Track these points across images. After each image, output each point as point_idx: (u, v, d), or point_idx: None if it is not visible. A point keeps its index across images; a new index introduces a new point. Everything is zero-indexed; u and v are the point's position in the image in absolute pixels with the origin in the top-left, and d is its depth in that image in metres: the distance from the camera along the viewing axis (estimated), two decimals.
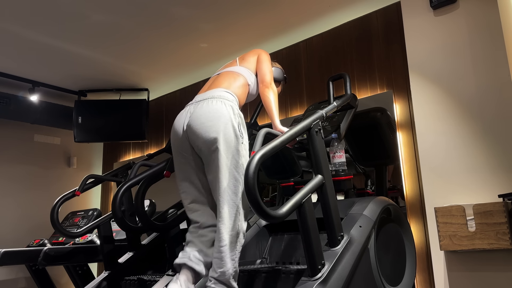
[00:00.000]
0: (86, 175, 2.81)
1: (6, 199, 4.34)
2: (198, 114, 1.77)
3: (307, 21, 3.24)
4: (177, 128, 1.86)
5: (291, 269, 1.85)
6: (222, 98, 1.80)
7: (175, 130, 1.87)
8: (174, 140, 1.89)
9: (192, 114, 1.80)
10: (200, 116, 1.76)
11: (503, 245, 2.08)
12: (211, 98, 1.80)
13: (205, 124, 1.73)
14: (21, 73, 4.02)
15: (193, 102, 1.89)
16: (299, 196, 1.52)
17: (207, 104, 1.78)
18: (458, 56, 2.51)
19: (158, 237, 2.82)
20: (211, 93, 1.85)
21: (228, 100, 1.80)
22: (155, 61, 3.86)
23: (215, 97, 1.80)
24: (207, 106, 1.77)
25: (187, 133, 1.80)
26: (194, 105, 1.85)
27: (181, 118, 1.86)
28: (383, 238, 1.95)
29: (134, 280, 2.39)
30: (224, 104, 1.77)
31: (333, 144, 2.11)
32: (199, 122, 1.75)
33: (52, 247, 3.12)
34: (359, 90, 3.07)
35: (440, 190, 2.44)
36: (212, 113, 1.74)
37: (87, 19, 3.10)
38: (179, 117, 1.89)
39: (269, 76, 1.96)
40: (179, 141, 1.85)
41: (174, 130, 1.89)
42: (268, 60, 2.06)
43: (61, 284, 4.43)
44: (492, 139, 2.33)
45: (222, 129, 1.72)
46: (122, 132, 4.39)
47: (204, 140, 1.73)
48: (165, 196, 3.59)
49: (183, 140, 1.83)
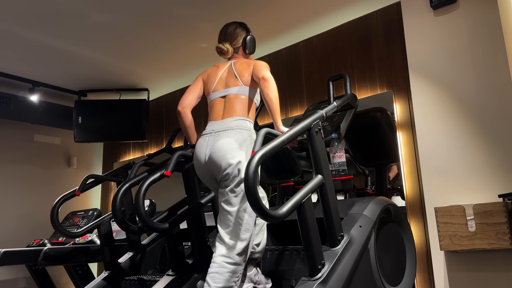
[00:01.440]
0: (86, 175, 2.80)
1: (6, 199, 4.34)
2: (217, 147, 1.84)
3: (307, 21, 3.25)
4: (199, 158, 1.93)
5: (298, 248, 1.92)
6: (240, 128, 1.88)
7: (198, 160, 1.95)
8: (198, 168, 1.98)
9: (212, 147, 1.86)
10: (220, 149, 1.83)
11: (503, 245, 2.08)
12: (229, 130, 1.87)
13: (225, 156, 1.81)
14: (21, 73, 4.02)
15: (211, 132, 1.92)
16: (299, 196, 1.52)
17: (227, 135, 1.86)
18: (458, 56, 2.51)
19: (158, 237, 2.82)
20: (227, 123, 1.90)
21: (245, 130, 1.89)
22: (155, 61, 3.86)
23: (234, 128, 1.88)
24: (227, 137, 1.85)
25: (209, 164, 1.88)
26: (213, 136, 1.90)
27: (202, 148, 1.92)
28: (383, 238, 1.95)
29: (134, 280, 2.39)
30: (242, 135, 1.86)
31: (333, 144, 2.11)
32: (220, 155, 1.82)
33: (52, 247, 3.12)
34: (359, 90, 3.07)
35: (440, 190, 2.44)
36: (232, 144, 1.82)
37: (87, 19, 3.10)
38: (199, 147, 1.94)
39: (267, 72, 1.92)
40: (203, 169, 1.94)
41: (197, 160, 1.96)
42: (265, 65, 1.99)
43: (61, 284, 4.43)
44: (492, 139, 2.33)
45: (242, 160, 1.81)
46: (122, 132, 4.39)
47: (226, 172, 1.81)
48: (165, 196, 3.60)
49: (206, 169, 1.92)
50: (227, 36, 2.09)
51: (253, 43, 2.14)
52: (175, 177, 2.29)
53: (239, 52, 2.12)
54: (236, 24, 2.13)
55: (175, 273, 2.19)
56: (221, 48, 2.06)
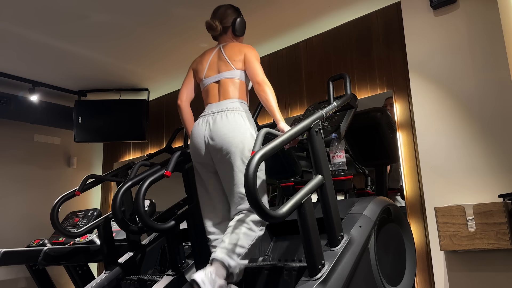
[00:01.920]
0: (86, 175, 2.80)
1: (6, 199, 4.34)
2: (219, 126, 1.87)
3: (307, 21, 3.25)
4: (198, 139, 1.94)
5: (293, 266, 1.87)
6: (237, 110, 1.91)
7: (195, 141, 1.95)
8: (195, 150, 1.97)
9: (212, 126, 1.89)
10: (222, 127, 1.86)
11: (503, 245, 2.08)
12: (227, 110, 1.91)
13: (227, 135, 1.84)
14: (21, 73, 4.02)
15: (209, 113, 1.95)
16: (299, 196, 1.52)
17: (226, 116, 1.88)
18: (458, 56, 2.51)
19: (158, 237, 2.82)
20: (225, 104, 1.94)
21: (243, 111, 1.93)
22: (155, 61, 3.86)
23: (232, 109, 1.91)
24: (226, 118, 1.88)
25: (209, 145, 1.90)
26: (212, 116, 1.92)
27: (201, 130, 1.93)
28: (383, 238, 1.95)
29: (134, 280, 2.39)
30: (241, 116, 1.89)
31: (333, 144, 2.11)
32: (222, 133, 1.85)
33: (52, 247, 3.12)
34: (359, 90, 3.07)
35: (440, 190, 2.45)
36: (232, 124, 1.86)
37: (87, 19, 3.10)
38: (197, 129, 1.96)
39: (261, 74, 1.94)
40: (200, 150, 1.94)
41: (194, 141, 1.96)
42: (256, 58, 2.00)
43: (61, 284, 4.43)
44: (492, 139, 2.33)
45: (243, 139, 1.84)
46: (122, 132, 4.39)
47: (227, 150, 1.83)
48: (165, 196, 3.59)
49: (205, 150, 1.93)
50: (217, 14, 2.12)
51: (243, 26, 2.15)
52: (175, 177, 2.29)
53: (228, 33, 2.13)
54: (229, 5, 2.16)
55: (175, 273, 2.19)
56: (210, 24, 2.08)
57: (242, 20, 2.13)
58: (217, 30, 2.09)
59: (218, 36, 2.15)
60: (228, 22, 2.11)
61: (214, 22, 2.07)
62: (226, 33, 2.13)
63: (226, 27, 2.11)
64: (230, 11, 2.12)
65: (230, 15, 2.11)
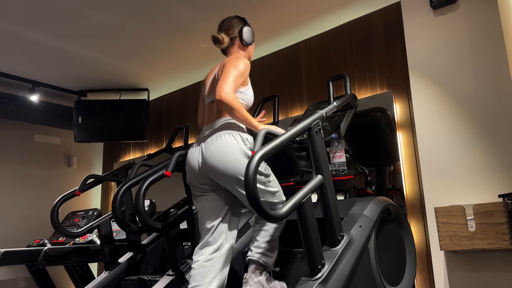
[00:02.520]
0: (86, 175, 2.81)
1: (6, 199, 4.34)
2: (210, 150, 1.84)
3: (307, 21, 3.25)
4: (192, 164, 1.93)
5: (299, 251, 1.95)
6: (228, 129, 1.87)
7: (190, 166, 1.95)
8: (191, 175, 1.97)
9: (204, 151, 1.87)
10: (214, 152, 1.83)
11: (503, 245, 2.08)
12: (218, 131, 1.87)
13: (220, 160, 1.80)
14: (21, 73, 4.02)
15: (202, 135, 1.94)
16: (299, 196, 1.52)
17: (216, 139, 1.84)
18: (458, 56, 2.51)
19: (158, 237, 2.82)
20: (216, 124, 1.91)
21: (234, 130, 1.87)
22: (155, 61, 3.86)
23: (222, 129, 1.87)
24: (217, 140, 1.84)
25: (204, 168, 1.88)
26: (203, 139, 1.91)
27: (195, 155, 1.93)
28: (383, 238, 1.95)
29: (134, 280, 2.39)
30: (232, 136, 1.84)
31: (333, 144, 2.11)
32: (215, 159, 1.82)
33: (52, 247, 3.12)
34: (359, 90, 3.07)
35: (440, 190, 2.45)
36: (223, 148, 1.81)
37: (87, 19, 3.10)
38: (192, 153, 1.95)
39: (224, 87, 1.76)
40: (196, 175, 1.93)
41: (189, 166, 1.96)
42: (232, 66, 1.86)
43: (61, 284, 4.43)
44: (492, 139, 2.34)
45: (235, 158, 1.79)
46: (122, 132, 4.39)
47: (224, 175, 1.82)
48: (165, 196, 3.59)
49: (200, 175, 1.92)
50: (223, 27, 2.08)
51: (250, 34, 2.10)
52: (175, 177, 2.29)
53: (235, 44, 2.07)
54: (234, 16, 2.12)
55: (175, 273, 2.19)
56: (216, 37, 2.03)
57: (248, 29, 2.09)
58: (224, 42, 2.03)
59: (226, 49, 2.09)
60: (235, 33, 2.06)
61: (220, 35, 2.03)
62: (234, 45, 2.07)
63: (233, 38, 2.06)
64: (235, 21, 2.09)
65: (235, 25, 2.07)
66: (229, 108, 1.76)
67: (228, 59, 1.98)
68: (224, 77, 1.80)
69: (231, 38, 2.05)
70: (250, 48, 2.13)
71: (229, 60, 1.94)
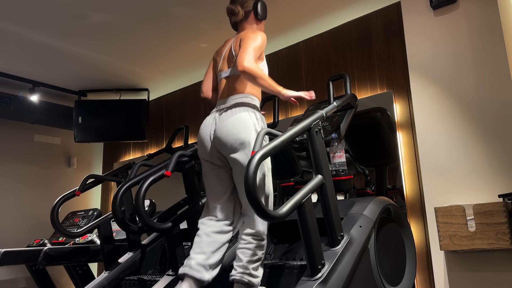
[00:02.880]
0: (86, 175, 2.80)
1: (6, 199, 4.34)
2: (224, 122, 1.85)
3: (307, 21, 3.25)
4: (204, 135, 1.93)
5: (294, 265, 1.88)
6: (244, 105, 1.88)
7: (202, 138, 1.94)
8: (201, 147, 1.96)
9: (218, 122, 1.87)
10: (227, 124, 1.83)
11: (503, 245, 2.08)
12: (234, 107, 1.88)
13: (231, 131, 1.81)
14: (21, 73, 4.02)
15: (217, 109, 1.94)
16: (299, 196, 1.52)
17: (231, 113, 1.86)
18: (458, 56, 2.51)
19: (158, 237, 2.82)
20: (232, 100, 1.91)
21: (249, 107, 1.89)
22: (155, 61, 3.86)
23: (238, 105, 1.88)
24: (232, 114, 1.85)
25: (215, 141, 1.88)
26: (218, 112, 1.91)
27: (207, 126, 1.93)
28: (383, 238, 1.95)
29: (134, 280, 2.39)
30: (247, 112, 1.85)
31: (333, 144, 2.11)
32: (226, 130, 1.82)
33: (52, 247, 3.12)
34: (359, 90, 3.07)
35: (440, 190, 2.45)
36: (237, 120, 1.82)
37: (87, 19, 3.10)
38: (205, 124, 1.95)
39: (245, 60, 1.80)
40: (206, 148, 1.93)
41: (201, 137, 1.95)
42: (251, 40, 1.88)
43: (61, 284, 4.43)
44: (492, 139, 2.33)
45: (248, 135, 1.80)
46: (122, 132, 4.39)
47: (232, 146, 1.81)
48: (165, 196, 3.59)
49: (211, 147, 1.91)
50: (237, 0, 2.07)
51: (265, 8, 2.10)
52: (175, 177, 2.29)
53: (249, 19, 2.07)
54: None
55: (175, 273, 2.19)
56: (232, 9, 2.03)
57: (263, 3, 2.09)
58: (239, 15, 2.03)
59: (239, 23, 2.09)
60: (250, 6, 2.05)
61: (236, 7, 2.03)
62: (247, 19, 2.06)
63: (247, 12, 2.06)
64: None
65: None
66: (253, 77, 1.80)
67: (244, 32, 1.99)
68: (244, 48, 1.84)
69: (245, 11, 2.05)
70: (263, 24, 2.13)
71: (246, 33, 1.96)
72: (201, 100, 4.19)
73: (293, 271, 1.89)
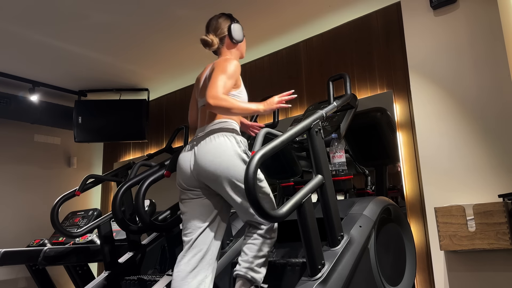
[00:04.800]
0: (86, 175, 2.81)
1: (6, 199, 4.34)
2: (203, 152, 1.79)
3: (307, 21, 3.25)
4: (184, 167, 1.87)
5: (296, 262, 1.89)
6: (222, 130, 1.82)
7: (181, 169, 1.88)
8: (181, 177, 1.89)
9: (197, 153, 1.81)
10: (206, 153, 1.78)
11: (503, 245, 2.08)
12: (211, 134, 1.82)
13: (213, 161, 1.75)
14: (21, 73, 4.02)
15: (195, 138, 1.89)
16: (299, 196, 1.52)
17: (209, 141, 1.80)
18: (458, 56, 2.52)
19: (158, 237, 2.82)
20: (209, 127, 1.86)
21: (228, 132, 1.83)
22: (155, 61, 3.86)
23: (215, 131, 1.82)
24: (210, 142, 1.79)
25: (195, 172, 1.82)
26: (196, 141, 1.86)
27: (186, 157, 1.87)
28: (383, 238, 1.95)
29: (134, 280, 2.39)
30: (226, 137, 1.79)
31: (333, 144, 2.11)
32: (207, 160, 1.76)
33: (52, 247, 3.12)
34: (359, 90, 3.07)
35: (440, 190, 2.45)
36: (216, 149, 1.77)
37: (87, 19, 3.10)
38: (184, 156, 1.89)
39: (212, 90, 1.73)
40: (186, 178, 1.87)
41: (180, 168, 1.89)
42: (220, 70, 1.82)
43: (61, 284, 4.43)
44: (492, 139, 2.34)
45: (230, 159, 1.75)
46: (122, 132, 4.40)
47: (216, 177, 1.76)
48: (165, 196, 3.59)
49: (190, 178, 1.85)
50: (210, 28, 2.02)
51: (239, 31, 2.02)
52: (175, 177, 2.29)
53: (225, 44, 2.01)
54: (219, 14, 2.05)
55: None
56: (205, 40, 1.97)
57: (237, 25, 2.02)
58: (214, 44, 1.97)
59: (217, 50, 2.03)
60: (224, 32, 2.00)
61: (208, 37, 1.97)
62: (223, 44, 2.01)
63: (222, 38, 2.00)
64: (222, 20, 2.02)
65: (223, 23, 2.01)
66: (224, 110, 1.73)
67: (217, 62, 1.92)
68: (212, 82, 1.76)
69: (220, 38, 2.00)
70: (241, 44, 2.07)
71: (218, 63, 1.88)
72: None
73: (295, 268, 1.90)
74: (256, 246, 1.75)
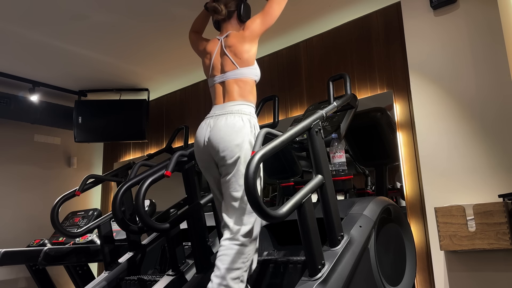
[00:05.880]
0: (86, 175, 2.81)
1: (6, 199, 4.34)
2: (217, 128, 1.83)
3: (307, 21, 3.24)
4: (199, 141, 1.92)
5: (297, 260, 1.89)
6: (239, 112, 1.86)
7: (197, 143, 1.94)
8: (197, 151, 1.95)
9: (212, 129, 1.85)
10: (219, 131, 1.82)
11: (503, 245, 2.08)
12: (229, 114, 1.86)
13: (224, 138, 1.79)
14: (21, 73, 4.02)
15: (212, 115, 1.92)
16: (299, 196, 1.52)
17: (225, 119, 1.84)
18: (458, 56, 2.51)
19: (158, 237, 2.82)
20: (228, 107, 1.89)
21: (245, 114, 1.86)
22: (155, 61, 3.86)
23: (233, 112, 1.86)
24: (226, 120, 1.83)
25: (208, 147, 1.86)
26: (214, 118, 1.89)
27: (202, 131, 1.91)
28: (383, 238, 1.95)
29: (134, 280, 2.39)
30: (241, 119, 1.83)
31: (333, 144, 2.12)
32: (219, 136, 1.80)
33: (52, 247, 3.12)
34: (359, 90, 3.07)
35: (440, 190, 2.45)
36: (230, 127, 1.80)
37: (87, 19, 3.10)
38: (200, 130, 1.93)
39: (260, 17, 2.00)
40: (201, 153, 1.92)
41: (197, 142, 1.94)
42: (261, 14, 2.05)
43: (61, 284, 4.43)
44: (492, 139, 2.33)
45: (240, 143, 1.78)
46: (122, 132, 4.40)
47: (224, 154, 1.79)
48: (165, 196, 3.60)
49: (205, 152, 1.90)
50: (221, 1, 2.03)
51: (248, 10, 2.09)
52: (175, 177, 2.29)
53: (232, 19, 2.05)
54: None
55: (175, 273, 2.19)
56: (215, 7, 1.99)
57: (247, 4, 2.07)
58: (223, 13, 2.00)
59: (221, 22, 2.06)
60: (233, 6, 2.03)
61: (219, 5, 1.99)
62: (230, 19, 2.04)
63: (230, 12, 2.03)
64: None
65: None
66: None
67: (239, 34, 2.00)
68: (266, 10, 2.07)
69: (228, 11, 2.03)
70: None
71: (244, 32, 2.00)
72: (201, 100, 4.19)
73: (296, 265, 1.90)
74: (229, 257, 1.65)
